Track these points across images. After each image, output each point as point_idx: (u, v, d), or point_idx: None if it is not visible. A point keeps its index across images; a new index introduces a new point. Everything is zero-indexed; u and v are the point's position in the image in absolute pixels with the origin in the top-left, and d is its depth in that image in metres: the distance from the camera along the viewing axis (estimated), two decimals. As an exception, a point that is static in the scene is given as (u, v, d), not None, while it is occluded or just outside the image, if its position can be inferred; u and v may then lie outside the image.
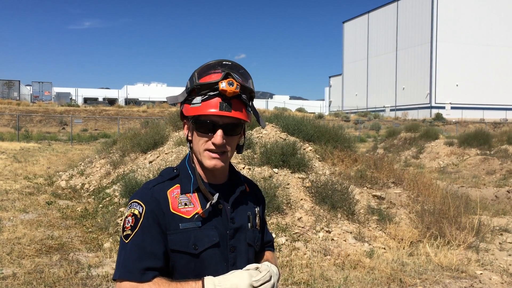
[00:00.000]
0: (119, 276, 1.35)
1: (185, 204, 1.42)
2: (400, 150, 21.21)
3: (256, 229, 1.56)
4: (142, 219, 1.38)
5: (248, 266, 1.39)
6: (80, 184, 10.78)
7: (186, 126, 1.50)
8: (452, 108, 55.49)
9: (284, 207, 6.69)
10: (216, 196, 1.43)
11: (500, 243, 6.86)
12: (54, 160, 16.55)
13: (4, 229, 6.90)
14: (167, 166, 1.59)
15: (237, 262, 1.46)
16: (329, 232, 6.36)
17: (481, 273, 5.45)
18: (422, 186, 8.23)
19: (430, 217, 6.93)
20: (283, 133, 9.12)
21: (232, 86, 1.35)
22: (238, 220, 1.50)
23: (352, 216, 6.85)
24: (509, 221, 8.24)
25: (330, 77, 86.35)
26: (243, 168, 7.60)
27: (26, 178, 12.04)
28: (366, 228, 6.71)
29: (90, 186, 10.33)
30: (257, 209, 1.59)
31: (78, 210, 8.37)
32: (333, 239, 6.22)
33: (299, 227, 6.38)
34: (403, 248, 6.16)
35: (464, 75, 56.62)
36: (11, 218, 7.69)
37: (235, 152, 1.51)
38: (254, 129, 9.33)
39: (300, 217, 6.55)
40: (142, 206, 1.40)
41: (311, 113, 44.53)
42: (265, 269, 1.36)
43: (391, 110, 62.03)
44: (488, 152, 17.58)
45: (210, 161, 1.42)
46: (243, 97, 1.41)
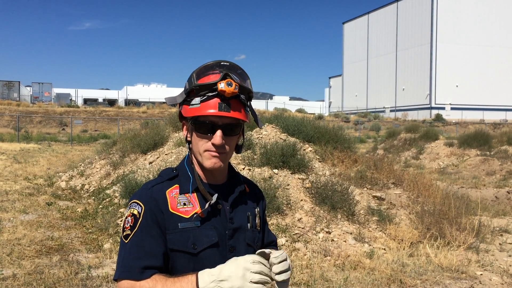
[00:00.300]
0: (118, 275, 1.36)
1: (184, 204, 1.43)
2: (400, 151, 21.21)
3: (256, 229, 1.56)
4: (141, 219, 1.39)
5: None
6: (80, 185, 10.78)
7: (185, 127, 1.51)
8: (452, 108, 55.51)
9: (284, 208, 6.68)
10: (215, 197, 1.44)
11: (500, 244, 6.85)
12: (54, 161, 16.56)
13: (4, 230, 6.90)
14: (167, 167, 1.59)
15: None
16: (329, 233, 6.36)
17: (481, 274, 5.45)
18: (422, 187, 8.23)
19: (430, 218, 6.92)
20: (283, 134, 9.12)
21: (231, 86, 1.36)
22: (237, 220, 1.50)
23: (352, 217, 6.85)
24: (509, 222, 8.24)
25: (330, 78, 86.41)
26: (243, 169, 7.60)
27: (26, 179, 12.04)
28: (366, 229, 6.71)
29: (90, 187, 10.33)
30: (257, 210, 1.59)
31: (78, 211, 8.37)
32: (333, 240, 6.22)
33: (299, 228, 6.38)
34: (403, 249, 6.15)
35: (464, 76, 56.64)
36: (11, 219, 7.69)
37: (234, 152, 1.52)
38: (254, 130, 9.33)
39: (300, 218, 6.54)
40: (141, 206, 1.41)
41: (311, 114, 44.57)
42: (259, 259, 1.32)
43: (391, 110, 62.06)
44: (488, 153, 17.58)
45: (209, 161, 1.42)
46: (242, 97, 1.41)
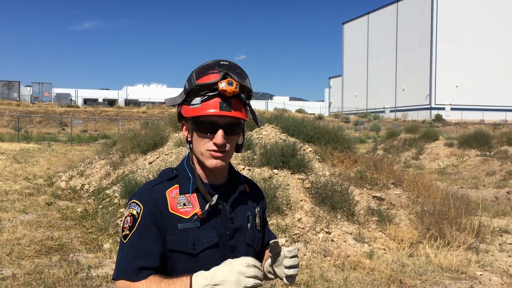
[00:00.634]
0: (116, 276, 1.37)
1: (184, 205, 1.42)
2: (400, 151, 21.20)
3: (256, 229, 1.56)
4: (140, 219, 1.38)
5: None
6: (80, 185, 10.78)
7: (185, 127, 1.50)
8: (452, 109, 55.52)
9: (284, 208, 6.68)
10: (215, 198, 1.43)
11: (500, 244, 6.85)
12: (54, 161, 16.55)
13: (4, 230, 6.89)
14: (167, 167, 1.59)
15: None
16: (329, 233, 6.35)
17: (481, 274, 5.45)
18: (422, 187, 8.22)
19: (430, 218, 6.92)
20: (283, 134, 9.12)
21: (232, 85, 1.36)
22: (238, 220, 1.49)
23: (352, 217, 6.85)
24: (509, 222, 8.24)
25: (330, 78, 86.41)
26: (243, 169, 7.60)
27: (26, 179, 12.04)
28: (366, 229, 6.70)
29: (90, 187, 10.33)
30: (257, 209, 1.58)
31: (78, 211, 8.37)
32: (333, 240, 6.22)
33: (299, 228, 6.37)
34: (403, 249, 6.15)
35: (464, 76, 56.65)
36: (11, 218, 7.68)
37: (235, 152, 1.51)
38: (254, 130, 9.33)
39: (300, 218, 6.54)
40: (140, 206, 1.40)
41: (311, 114, 44.54)
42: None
43: (391, 111, 62.06)
44: (488, 153, 17.58)
45: (211, 161, 1.42)
46: (242, 96, 1.41)
